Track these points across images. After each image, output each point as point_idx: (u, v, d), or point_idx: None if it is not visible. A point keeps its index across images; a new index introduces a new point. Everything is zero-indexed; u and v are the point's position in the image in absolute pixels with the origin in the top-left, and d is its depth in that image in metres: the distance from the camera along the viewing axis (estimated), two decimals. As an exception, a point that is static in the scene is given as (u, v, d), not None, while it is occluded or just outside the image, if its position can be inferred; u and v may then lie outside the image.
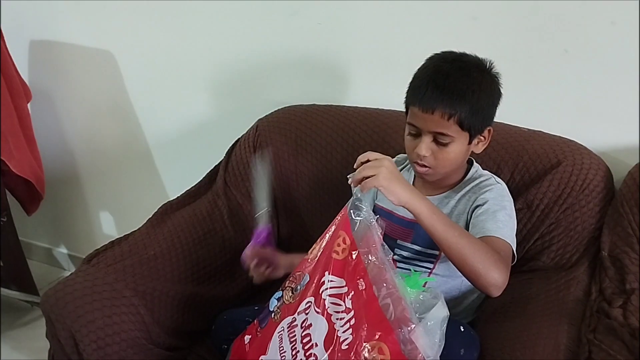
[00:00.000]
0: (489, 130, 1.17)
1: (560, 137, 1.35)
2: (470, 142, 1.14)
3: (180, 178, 1.81)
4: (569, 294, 1.18)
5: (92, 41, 1.96)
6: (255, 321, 1.15)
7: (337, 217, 1.09)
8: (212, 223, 1.49)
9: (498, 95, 1.16)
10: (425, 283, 1.20)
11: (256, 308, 1.25)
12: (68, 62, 2.05)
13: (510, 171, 1.32)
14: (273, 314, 1.11)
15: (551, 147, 1.32)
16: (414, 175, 1.29)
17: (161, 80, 1.92)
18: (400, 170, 1.32)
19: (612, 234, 1.20)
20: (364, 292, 0.98)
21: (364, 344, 0.94)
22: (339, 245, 1.04)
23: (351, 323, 0.98)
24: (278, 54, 1.72)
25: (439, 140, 1.11)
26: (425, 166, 1.14)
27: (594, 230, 1.25)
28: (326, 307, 1.01)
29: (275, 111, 1.66)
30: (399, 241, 1.25)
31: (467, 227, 1.17)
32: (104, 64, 1.97)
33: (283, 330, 1.06)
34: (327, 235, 1.08)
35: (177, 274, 1.35)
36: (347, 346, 0.97)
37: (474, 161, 1.26)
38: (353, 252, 1.01)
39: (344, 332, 0.98)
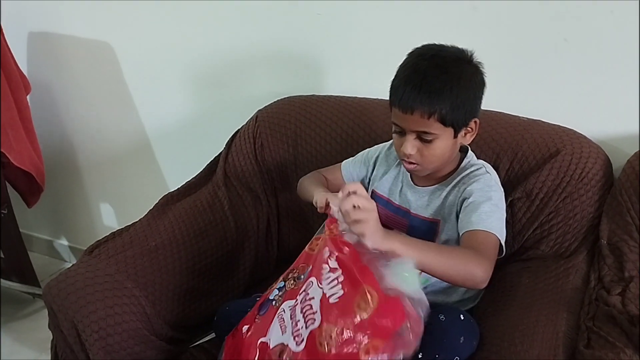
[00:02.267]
0: (476, 122, 1.17)
1: (559, 126, 1.35)
2: (456, 136, 1.14)
3: (180, 169, 1.82)
4: (567, 282, 1.18)
5: (90, 33, 1.96)
6: (253, 310, 1.15)
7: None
8: (213, 214, 1.49)
9: (481, 86, 1.15)
10: (421, 272, 1.21)
11: (257, 298, 1.26)
12: (67, 54, 2.04)
13: (509, 160, 1.32)
14: (274, 302, 1.12)
15: (550, 136, 1.32)
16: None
17: (161, 72, 1.92)
18: (396, 159, 1.33)
19: (611, 222, 1.21)
20: (348, 253, 1.02)
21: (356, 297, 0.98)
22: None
23: (339, 280, 1.01)
24: (278, 45, 1.72)
25: (423, 138, 1.11)
26: (413, 163, 1.15)
27: (593, 218, 1.25)
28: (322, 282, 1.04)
29: (274, 102, 1.66)
30: (394, 230, 1.25)
31: (458, 210, 1.17)
32: (103, 55, 1.97)
33: (284, 311, 1.07)
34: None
35: (179, 265, 1.35)
36: (337, 299, 0.99)
37: (469, 149, 1.26)
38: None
39: (331, 288, 1.01)
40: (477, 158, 1.26)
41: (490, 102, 1.42)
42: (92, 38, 1.96)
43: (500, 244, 1.10)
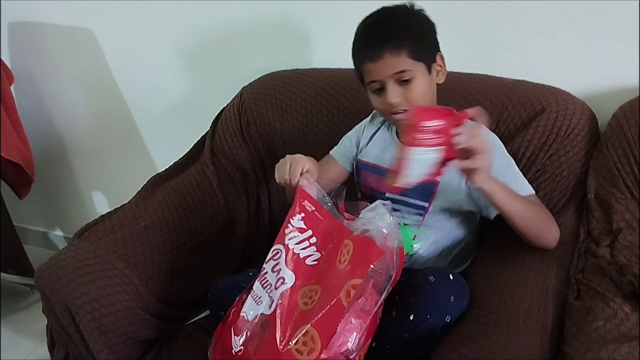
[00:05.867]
0: (441, 57, 1.19)
1: (543, 85, 1.34)
2: (430, 72, 1.16)
3: (168, 151, 1.80)
4: (557, 238, 1.18)
5: (70, 20, 1.94)
6: (242, 296, 1.15)
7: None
8: (202, 192, 1.49)
9: (431, 23, 1.19)
10: (415, 236, 1.22)
11: (250, 274, 1.25)
12: (48, 43, 2.03)
13: (495, 122, 1.32)
14: None
15: (535, 95, 1.31)
16: (396, 130, 1.29)
17: (143, 55, 1.91)
18: (379, 127, 1.32)
19: (598, 176, 1.21)
20: (315, 212, 1.07)
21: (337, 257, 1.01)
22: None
23: (312, 242, 1.05)
24: (258, 21, 1.70)
25: (401, 80, 1.13)
26: (403, 111, 1.14)
27: (580, 174, 1.25)
28: (286, 243, 1.07)
29: (258, 78, 1.65)
30: (387, 194, 1.25)
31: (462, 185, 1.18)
32: (84, 42, 1.95)
33: (256, 286, 1.09)
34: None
35: (169, 244, 1.35)
36: (315, 262, 1.04)
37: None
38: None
39: (303, 249, 1.05)
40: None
41: (473, 65, 1.42)
42: (72, 25, 1.94)
43: None
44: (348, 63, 1.58)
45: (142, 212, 1.38)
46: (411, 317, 1.00)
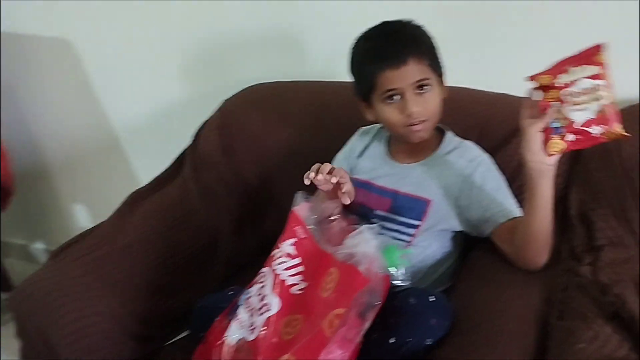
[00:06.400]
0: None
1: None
2: (441, 84, 1.16)
3: (152, 164, 1.78)
4: (540, 256, 1.17)
5: (48, 30, 1.92)
6: (221, 318, 1.14)
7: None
8: (184, 208, 1.46)
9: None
10: (403, 255, 1.20)
11: (231, 293, 1.24)
12: (27, 54, 2.00)
13: (477, 137, 1.31)
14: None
15: (517, 109, 1.28)
16: (389, 145, 1.29)
17: (124, 66, 1.89)
18: (372, 140, 1.31)
19: (580, 192, 1.20)
20: (305, 240, 1.07)
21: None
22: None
23: (300, 270, 1.04)
24: (241, 33, 1.69)
25: (421, 88, 1.12)
26: (421, 122, 1.14)
27: (562, 189, 1.24)
28: (273, 268, 1.07)
29: (240, 91, 1.64)
30: (376, 211, 1.24)
31: (458, 196, 1.18)
32: (63, 53, 1.93)
33: (240, 307, 1.08)
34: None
35: (149, 262, 1.33)
36: (301, 291, 1.02)
37: (446, 128, 1.27)
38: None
39: (290, 276, 1.04)
40: (446, 136, 1.26)
41: (456, 78, 1.41)
42: (50, 36, 1.92)
43: None
44: (332, 77, 1.59)
45: (120, 230, 1.36)
46: (391, 340, 0.99)
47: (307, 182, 1.09)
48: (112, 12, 1.80)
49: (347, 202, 1.13)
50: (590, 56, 0.92)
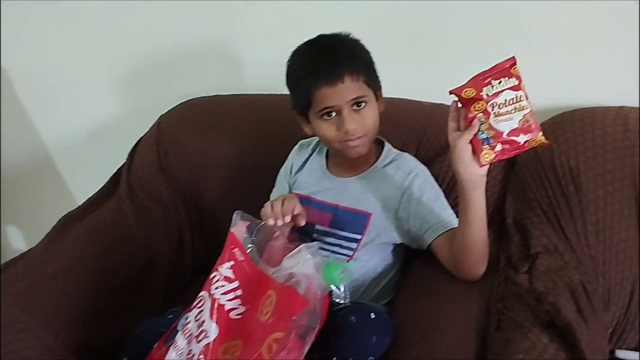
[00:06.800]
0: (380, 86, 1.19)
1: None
2: (377, 99, 1.16)
3: (88, 183, 1.72)
4: (478, 265, 1.18)
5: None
6: (159, 344, 1.10)
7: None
8: (118, 230, 1.41)
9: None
10: (344, 270, 1.19)
11: (170, 317, 1.20)
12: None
13: (415, 147, 1.32)
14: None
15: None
16: (327, 158, 1.28)
17: (55, 82, 1.82)
18: (312, 153, 1.30)
19: (515, 200, 1.22)
20: (243, 263, 1.04)
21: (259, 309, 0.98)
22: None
23: (237, 294, 1.01)
24: (178, 47, 1.66)
25: (357, 105, 1.11)
26: (358, 138, 1.13)
27: (498, 198, 1.26)
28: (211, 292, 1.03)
29: (176, 106, 1.60)
30: (317, 226, 1.23)
31: (397, 208, 1.17)
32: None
33: (178, 334, 1.05)
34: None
35: (82, 289, 1.27)
36: (239, 316, 1.00)
37: (384, 140, 1.27)
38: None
39: (228, 300, 1.01)
40: (384, 147, 1.26)
41: (392, 89, 1.42)
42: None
43: None
44: (271, 89, 1.57)
45: (51, 256, 1.29)
46: (333, 360, 0.97)
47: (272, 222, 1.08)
48: (42, 26, 1.74)
49: (303, 223, 1.11)
50: (507, 69, 0.94)
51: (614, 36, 1.27)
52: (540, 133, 0.95)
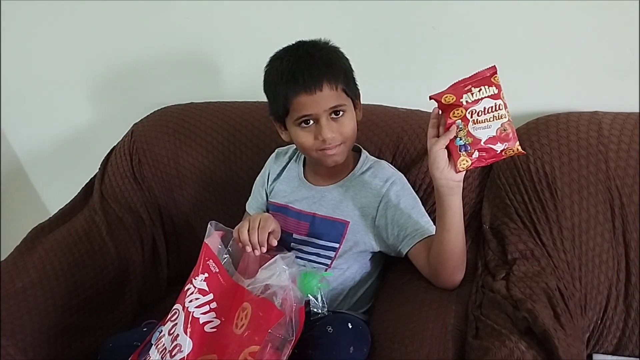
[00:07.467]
0: (359, 94, 1.18)
1: (437, 113, 1.34)
2: (355, 108, 1.15)
3: (61, 195, 1.68)
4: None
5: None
6: (133, 358, 1.08)
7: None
8: (90, 242, 1.38)
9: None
10: (322, 279, 1.18)
11: (144, 329, 1.18)
12: None
13: (391, 154, 1.31)
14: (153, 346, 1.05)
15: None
16: (304, 166, 1.27)
17: (26, 90, 1.78)
18: (289, 161, 1.29)
19: (492, 206, 1.22)
20: (218, 275, 1.03)
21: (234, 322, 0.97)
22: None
23: (212, 306, 1.00)
24: (153, 55, 1.64)
25: (335, 114, 1.10)
26: (336, 146, 1.11)
27: (475, 204, 1.25)
28: (185, 305, 1.02)
29: (150, 114, 1.58)
30: (294, 235, 1.22)
31: (375, 215, 1.16)
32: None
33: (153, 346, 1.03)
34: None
35: (52, 303, 1.24)
36: (214, 329, 0.98)
37: (362, 148, 1.26)
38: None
39: (203, 314, 1.00)
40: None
41: (369, 96, 1.41)
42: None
43: None
44: (245, 96, 1.55)
45: (20, 270, 1.26)
46: (311, 371, 0.96)
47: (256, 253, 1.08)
48: (13, 36, 1.70)
49: (275, 243, 1.10)
50: (488, 77, 0.94)
51: (587, 42, 1.27)
52: (517, 143, 0.95)
